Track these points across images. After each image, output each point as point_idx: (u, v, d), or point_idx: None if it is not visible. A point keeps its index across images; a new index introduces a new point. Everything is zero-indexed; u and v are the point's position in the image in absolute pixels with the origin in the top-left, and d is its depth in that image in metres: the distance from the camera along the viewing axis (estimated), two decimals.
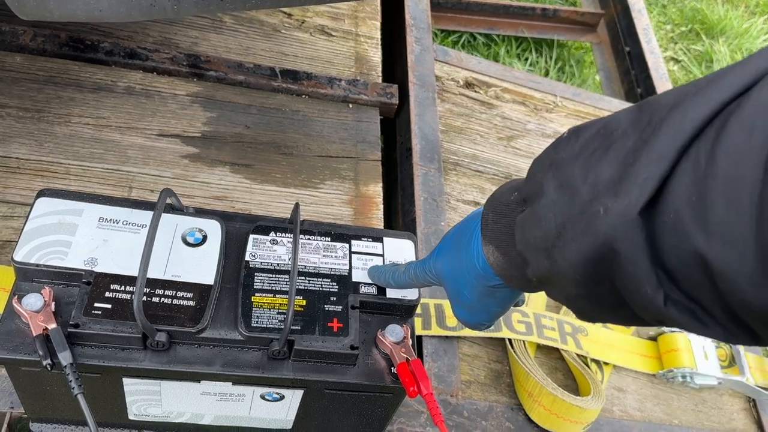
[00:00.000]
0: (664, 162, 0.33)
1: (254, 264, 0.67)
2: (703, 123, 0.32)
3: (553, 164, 0.41)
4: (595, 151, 0.38)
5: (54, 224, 0.64)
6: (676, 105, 0.34)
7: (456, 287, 0.55)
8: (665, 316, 0.35)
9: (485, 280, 0.51)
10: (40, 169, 0.90)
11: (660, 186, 0.33)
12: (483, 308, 0.55)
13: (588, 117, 1.40)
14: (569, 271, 0.39)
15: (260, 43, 1.15)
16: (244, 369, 0.63)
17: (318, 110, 1.10)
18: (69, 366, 0.57)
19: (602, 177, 0.36)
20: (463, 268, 0.53)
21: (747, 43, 2.30)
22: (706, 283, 0.32)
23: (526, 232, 0.43)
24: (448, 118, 1.23)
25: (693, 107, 0.33)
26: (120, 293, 0.61)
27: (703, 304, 0.34)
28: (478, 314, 0.56)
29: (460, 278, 0.54)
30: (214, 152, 0.99)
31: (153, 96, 1.02)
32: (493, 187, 1.17)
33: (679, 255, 0.33)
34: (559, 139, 0.43)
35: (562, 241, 0.39)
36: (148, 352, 0.61)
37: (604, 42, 1.86)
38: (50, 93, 0.98)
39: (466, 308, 0.56)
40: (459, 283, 0.55)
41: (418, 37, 1.30)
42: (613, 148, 0.37)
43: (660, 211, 0.33)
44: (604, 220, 0.35)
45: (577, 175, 0.38)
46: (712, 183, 0.30)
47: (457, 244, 0.55)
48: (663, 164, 0.33)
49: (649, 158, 0.34)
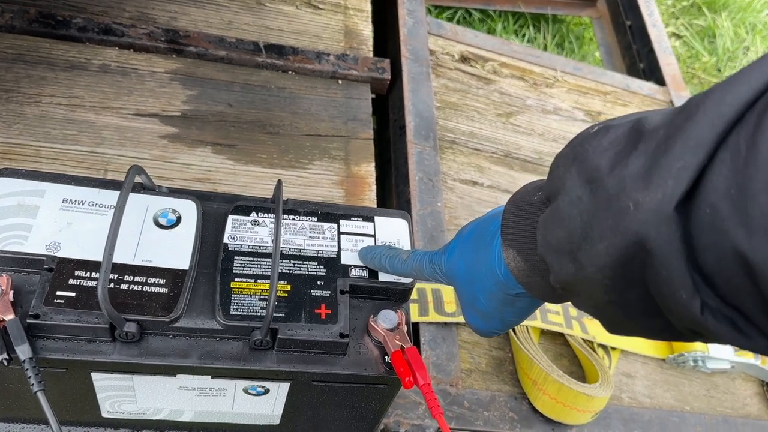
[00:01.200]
0: (702, 149, 0.29)
1: (233, 247, 0.61)
2: (743, 107, 0.28)
3: (577, 158, 0.37)
4: (625, 145, 0.34)
5: (13, 206, 0.59)
6: (712, 90, 0.30)
7: (471, 292, 0.50)
8: (702, 326, 0.31)
9: (506, 288, 0.47)
10: (8, 152, 0.84)
11: (697, 177, 0.29)
12: (498, 316, 0.50)
13: (590, 92, 1.34)
14: (597, 275, 0.35)
15: (243, 16, 1.09)
16: (224, 361, 0.57)
17: (305, 87, 1.04)
18: (28, 361, 0.52)
19: (631, 168, 0.32)
20: (482, 273, 0.48)
21: (750, 17, 2.24)
22: (747, 287, 0.28)
23: (549, 233, 0.39)
24: (443, 94, 1.18)
25: (732, 91, 0.29)
26: (85, 280, 0.56)
27: (745, 312, 0.29)
28: (493, 322, 0.51)
29: (477, 283, 0.49)
30: (194, 132, 0.93)
31: (129, 74, 0.96)
32: (492, 166, 1.12)
33: (717, 255, 0.29)
34: (585, 132, 0.39)
35: (588, 241, 0.35)
36: (117, 344, 0.56)
37: (604, 16, 1.80)
38: (19, 72, 0.92)
39: (480, 315, 0.51)
40: (475, 289, 0.50)
41: (411, 9, 1.23)
42: (644, 140, 0.33)
43: (695, 205, 0.29)
44: (634, 217, 0.31)
45: (603, 167, 0.34)
46: (753, 172, 0.26)
47: (476, 245, 0.50)
48: (700, 152, 0.29)
49: (684, 145, 0.30)
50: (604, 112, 1.32)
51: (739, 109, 0.28)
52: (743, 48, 2.17)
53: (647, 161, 0.32)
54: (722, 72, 2.11)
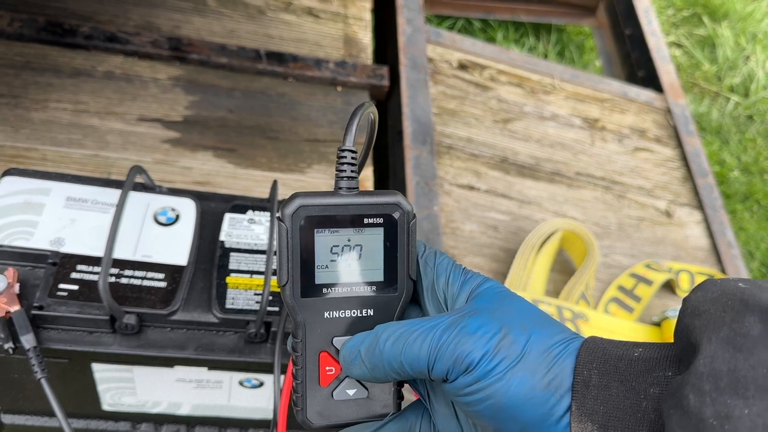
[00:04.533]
0: None
1: (230, 244, 0.64)
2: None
3: (750, 302, 0.27)
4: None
5: (20, 204, 0.61)
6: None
7: None
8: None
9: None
10: (16, 156, 0.87)
11: None
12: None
13: (588, 99, 1.36)
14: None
15: (245, 25, 1.12)
16: (220, 353, 0.59)
17: (305, 93, 1.07)
18: (32, 349, 0.54)
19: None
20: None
21: (751, 27, 2.26)
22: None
23: (704, 409, 0.26)
24: (441, 101, 1.20)
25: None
26: (87, 274, 0.58)
27: None
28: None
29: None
30: (196, 137, 0.96)
31: (133, 80, 0.99)
32: (489, 171, 1.14)
33: None
34: (732, 279, 0.30)
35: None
36: (117, 335, 0.58)
37: (604, 26, 1.82)
38: (27, 78, 0.95)
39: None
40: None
41: (410, 18, 1.26)
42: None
43: None
44: None
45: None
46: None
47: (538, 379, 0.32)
48: None
49: None
50: (602, 118, 1.34)
51: None
52: (743, 57, 2.19)
53: None
54: (722, 81, 2.13)
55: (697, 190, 1.29)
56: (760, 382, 0.25)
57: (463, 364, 0.33)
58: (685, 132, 1.40)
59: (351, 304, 0.38)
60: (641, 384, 0.30)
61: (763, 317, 0.26)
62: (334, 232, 0.37)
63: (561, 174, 1.20)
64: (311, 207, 0.36)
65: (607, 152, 1.28)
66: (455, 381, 0.33)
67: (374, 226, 0.37)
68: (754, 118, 2.06)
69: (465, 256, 1.01)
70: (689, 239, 1.21)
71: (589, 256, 1.01)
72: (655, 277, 1.06)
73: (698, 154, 1.36)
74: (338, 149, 0.37)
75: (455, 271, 0.38)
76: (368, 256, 0.37)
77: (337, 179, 0.37)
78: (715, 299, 0.29)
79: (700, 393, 0.26)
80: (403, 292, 0.38)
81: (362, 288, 0.38)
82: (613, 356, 0.32)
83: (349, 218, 0.37)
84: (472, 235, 1.04)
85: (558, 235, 1.03)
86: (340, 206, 0.36)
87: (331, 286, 0.37)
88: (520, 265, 1.00)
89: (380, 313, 0.38)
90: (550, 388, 0.32)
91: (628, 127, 1.36)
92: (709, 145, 1.94)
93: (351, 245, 0.37)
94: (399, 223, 0.37)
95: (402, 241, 0.38)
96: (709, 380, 0.26)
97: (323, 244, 0.37)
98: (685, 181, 1.31)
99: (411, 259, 0.38)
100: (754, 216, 1.81)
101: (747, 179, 1.88)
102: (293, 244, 0.36)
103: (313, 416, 0.39)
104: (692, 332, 0.29)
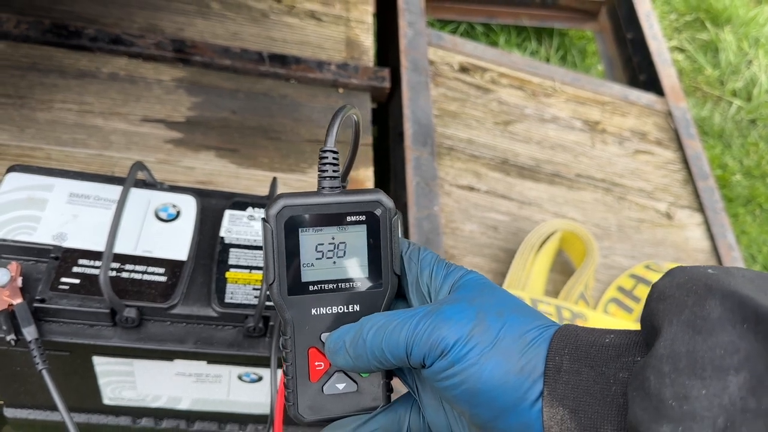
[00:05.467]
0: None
1: (230, 240, 0.65)
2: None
3: (714, 287, 0.28)
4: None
5: (23, 199, 0.62)
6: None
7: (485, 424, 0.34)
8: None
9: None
10: (21, 155, 0.88)
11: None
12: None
13: (588, 102, 1.37)
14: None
15: (248, 28, 1.13)
16: (219, 347, 0.60)
17: (307, 95, 1.08)
18: (34, 341, 0.55)
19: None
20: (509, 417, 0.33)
21: (753, 31, 2.26)
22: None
23: (664, 390, 0.27)
24: (442, 103, 1.21)
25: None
26: (88, 268, 0.59)
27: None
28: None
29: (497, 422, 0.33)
30: (199, 137, 0.97)
31: (137, 81, 1.00)
32: (489, 172, 1.15)
33: None
34: (701, 266, 0.31)
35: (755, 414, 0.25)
36: (117, 329, 0.59)
37: (606, 30, 1.83)
38: (33, 79, 0.96)
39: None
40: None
41: (411, 21, 1.27)
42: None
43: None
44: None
45: None
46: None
47: (512, 359, 0.33)
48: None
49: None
50: (603, 121, 1.35)
51: None
52: (746, 61, 2.19)
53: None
54: (725, 85, 2.13)
55: (698, 193, 1.30)
56: (717, 363, 0.26)
57: (438, 349, 0.33)
58: (686, 135, 1.40)
59: (337, 300, 0.39)
60: (611, 369, 0.31)
61: (724, 301, 0.27)
62: (318, 230, 0.38)
63: (561, 175, 1.20)
64: (295, 207, 0.37)
65: (608, 154, 1.29)
66: (432, 366, 0.34)
67: (357, 224, 0.38)
68: (757, 123, 2.06)
69: (465, 255, 1.02)
70: (689, 241, 1.21)
71: (588, 257, 1.02)
72: (655, 278, 1.06)
73: (699, 157, 1.36)
74: (320, 150, 0.39)
75: (438, 265, 0.39)
76: (352, 253, 0.38)
77: (319, 179, 0.39)
78: (681, 284, 0.30)
79: (660, 374, 0.27)
80: (387, 287, 0.39)
81: (348, 284, 0.39)
82: (585, 343, 0.32)
83: (332, 217, 0.38)
84: (472, 235, 1.05)
85: (557, 235, 1.04)
86: (323, 205, 0.37)
87: (317, 284, 0.38)
88: (519, 264, 1.00)
89: (366, 308, 0.39)
90: (524, 372, 0.32)
91: (629, 130, 1.36)
92: (711, 149, 1.94)
93: (335, 243, 0.38)
94: (381, 220, 0.38)
95: (385, 237, 0.39)
96: (668, 362, 0.27)
97: (308, 243, 0.38)
98: (685, 183, 1.32)
99: (394, 255, 0.39)
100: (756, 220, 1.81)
101: (749, 183, 1.88)
102: (278, 244, 0.37)
103: (305, 411, 0.39)
104: (656, 316, 0.30)
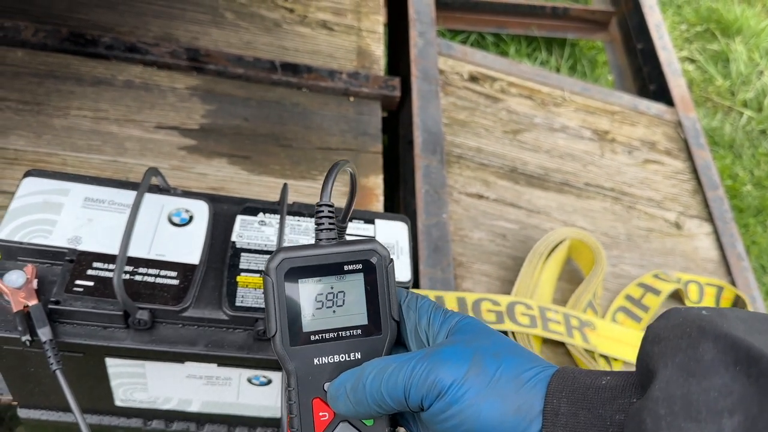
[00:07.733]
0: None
1: (241, 244, 0.66)
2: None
3: (707, 330, 0.29)
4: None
5: (39, 203, 0.64)
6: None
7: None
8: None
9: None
10: (37, 160, 0.90)
11: None
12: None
13: (598, 111, 1.37)
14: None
15: (261, 37, 1.15)
16: (229, 350, 0.61)
17: (318, 103, 1.09)
18: (48, 342, 0.56)
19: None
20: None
21: (764, 42, 2.26)
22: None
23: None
24: (451, 112, 1.22)
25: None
26: (102, 271, 0.60)
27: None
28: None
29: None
30: (212, 144, 0.98)
31: (152, 89, 1.02)
32: (498, 180, 1.15)
33: None
34: (694, 308, 0.32)
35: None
36: (130, 331, 0.60)
37: (616, 40, 1.83)
38: (50, 86, 0.98)
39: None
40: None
41: (422, 31, 1.29)
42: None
43: None
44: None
45: (761, 345, 0.27)
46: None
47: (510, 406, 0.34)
48: None
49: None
50: (612, 130, 1.35)
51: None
52: (757, 72, 2.19)
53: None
54: (735, 96, 2.13)
55: (707, 203, 1.30)
56: (711, 405, 0.26)
57: (435, 390, 0.34)
58: (696, 145, 1.40)
59: (339, 348, 0.39)
60: (607, 411, 0.31)
61: (717, 343, 0.28)
62: (318, 281, 0.39)
63: (570, 184, 1.21)
64: (294, 259, 0.38)
65: (617, 164, 1.29)
66: (430, 408, 0.34)
67: (354, 272, 0.39)
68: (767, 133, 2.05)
69: (473, 263, 1.02)
70: (699, 251, 1.21)
71: (596, 265, 1.02)
72: (663, 287, 1.06)
73: (709, 167, 1.36)
74: (316, 204, 0.40)
75: (436, 312, 0.40)
76: (351, 301, 0.39)
77: (316, 231, 0.40)
78: (675, 326, 0.30)
79: (656, 417, 0.28)
80: (387, 333, 0.40)
81: (348, 332, 0.40)
82: (582, 385, 0.33)
83: (330, 267, 0.39)
84: (480, 242, 1.05)
85: (566, 243, 1.04)
86: (320, 256, 0.39)
87: (318, 333, 0.39)
88: (527, 273, 1.01)
89: (367, 355, 0.40)
90: (521, 412, 0.33)
91: (638, 140, 1.37)
92: (721, 160, 1.94)
93: (334, 292, 0.39)
94: (377, 267, 0.40)
95: (382, 283, 0.40)
96: (664, 404, 0.28)
97: (308, 294, 0.39)
98: (695, 193, 1.32)
99: (392, 300, 0.40)
100: (766, 230, 1.80)
101: (760, 193, 1.88)
102: (279, 295, 0.38)
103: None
104: (651, 358, 0.30)
